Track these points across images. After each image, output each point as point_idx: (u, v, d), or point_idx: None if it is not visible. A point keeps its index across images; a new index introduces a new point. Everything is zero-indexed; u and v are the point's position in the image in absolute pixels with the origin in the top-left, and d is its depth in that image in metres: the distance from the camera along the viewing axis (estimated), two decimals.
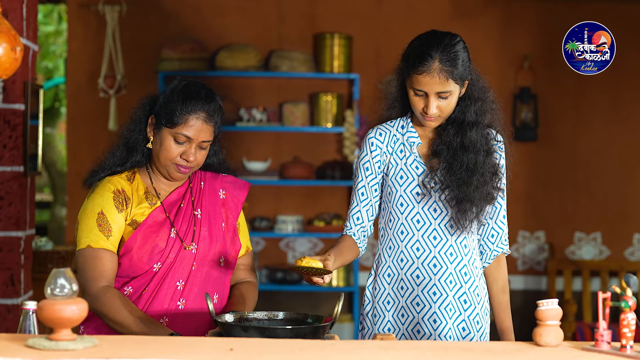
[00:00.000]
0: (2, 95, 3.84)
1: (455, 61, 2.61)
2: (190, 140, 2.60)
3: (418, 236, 2.74)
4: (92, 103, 6.18)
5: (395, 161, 2.76)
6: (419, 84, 2.62)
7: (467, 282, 2.74)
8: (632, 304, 2.02)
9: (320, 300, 6.23)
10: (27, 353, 1.90)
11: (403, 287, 2.76)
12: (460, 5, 6.27)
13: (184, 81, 2.67)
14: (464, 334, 2.73)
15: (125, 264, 2.62)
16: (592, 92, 6.28)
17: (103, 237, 2.58)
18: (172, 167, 2.64)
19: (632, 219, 6.32)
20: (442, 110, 2.65)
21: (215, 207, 2.73)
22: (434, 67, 2.60)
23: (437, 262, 2.72)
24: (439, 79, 2.61)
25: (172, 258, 2.63)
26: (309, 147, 6.29)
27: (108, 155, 2.72)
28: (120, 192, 2.65)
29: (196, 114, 2.59)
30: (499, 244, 2.79)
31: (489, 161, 2.70)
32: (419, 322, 2.72)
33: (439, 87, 2.61)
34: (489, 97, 2.76)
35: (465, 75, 2.66)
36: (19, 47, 2.37)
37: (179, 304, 2.62)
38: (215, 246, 2.68)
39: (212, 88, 2.71)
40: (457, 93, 2.66)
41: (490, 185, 2.70)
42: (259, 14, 6.27)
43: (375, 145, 2.78)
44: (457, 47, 2.63)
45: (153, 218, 2.64)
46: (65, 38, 7.66)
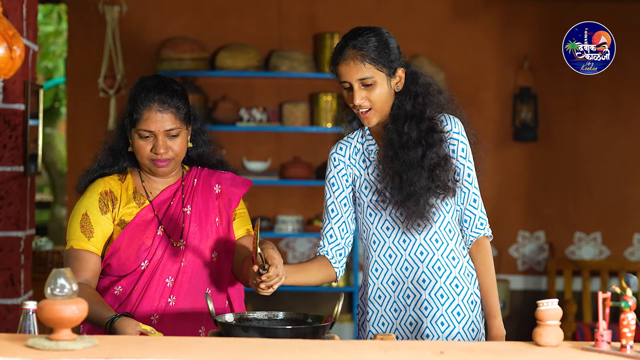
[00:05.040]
0: (2, 95, 3.84)
1: (367, 44, 2.64)
2: (154, 133, 2.61)
3: (389, 243, 2.74)
4: (92, 103, 6.18)
5: (359, 172, 2.78)
6: (341, 76, 2.67)
7: (442, 276, 2.71)
8: (632, 304, 2.02)
9: (320, 300, 6.23)
10: (27, 353, 1.90)
11: (381, 296, 2.76)
12: (460, 5, 6.27)
13: (139, 79, 2.69)
14: (459, 319, 2.71)
15: (114, 263, 2.64)
16: (592, 92, 6.28)
17: (84, 239, 2.63)
18: (151, 164, 2.66)
19: (632, 219, 6.32)
20: (372, 100, 2.65)
21: (209, 202, 2.73)
22: (348, 54, 2.64)
23: (408, 265, 2.72)
24: (354, 63, 2.63)
25: (159, 255, 2.64)
26: (309, 147, 6.29)
27: (94, 161, 2.76)
28: (108, 193, 2.68)
29: (148, 106, 2.61)
30: (473, 229, 2.75)
31: (433, 153, 2.67)
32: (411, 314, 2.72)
33: (357, 73, 2.63)
34: (432, 91, 2.74)
35: (386, 62, 2.66)
36: (17, 47, 2.36)
37: (170, 301, 2.63)
38: (206, 242, 2.68)
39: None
40: (384, 82, 2.66)
41: (439, 178, 2.67)
42: (259, 14, 6.27)
43: (337, 160, 2.80)
44: (371, 34, 2.67)
45: (141, 217, 2.67)
46: (65, 38, 7.66)
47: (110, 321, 2.43)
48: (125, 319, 2.42)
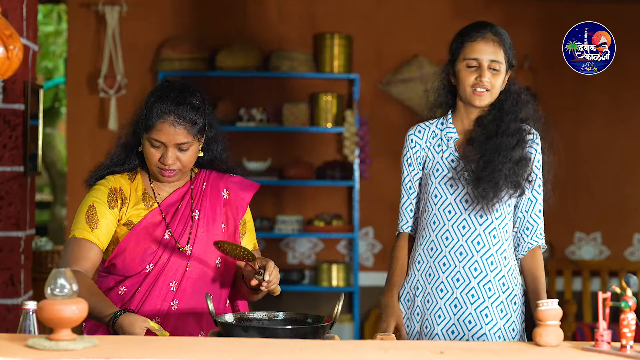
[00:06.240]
0: (2, 95, 3.84)
1: (505, 36, 2.86)
2: (164, 145, 2.59)
3: (448, 226, 2.86)
4: (92, 103, 6.17)
5: (433, 155, 2.93)
6: (472, 52, 2.83)
7: (493, 272, 2.85)
8: (632, 304, 2.02)
9: (320, 300, 6.23)
10: (27, 353, 1.90)
11: (431, 274, 2.89)
12: (460, 5, 6.27)
13: (162, 84, 2.66)
14: (501, 315, 2.85)
15: (119, 264, 2.63)
16: (592, 92, 6.27)
17: (88, 229, 2.59)
18: (157, 171, 2.64)
19: (632, 219, 6.32)
20: (492, 84, 2.83)
21: (216, 207, 2.72)
22: (488, 36, 2.84)
23: (463, 250, 2.85)
24: (494, 45, 2.83)
25: (165, 259, 2.63)
26: (309, 147, 6.29)
27: (107, 157, 2.74)
28: (118, 190, 2.66)
29: (163, 118, 2.57)
30: (534, 237, 2.91)
31: (519, 150, 2.84)
32: (457, 297, 2.86)
33: (493, 54, 2.82)
34: (525, 96, 2.96)
35: (510, 58, 2.87)
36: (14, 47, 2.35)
37: (172, 305, 2.62)
38: (212, 248, 2.66)
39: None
40: (504, 73, 2.86)
41: (517, 174, 2.83)
42: (259, 14, 6.27)
43: (414, 142, 2.96)
44: (504, 31, 2.90)
45: (148, 220, 2.65)
46: (65, 38, 7.66)
47: (113, 317, 2.41)
48: (131, 314, 2.41)
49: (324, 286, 6.08)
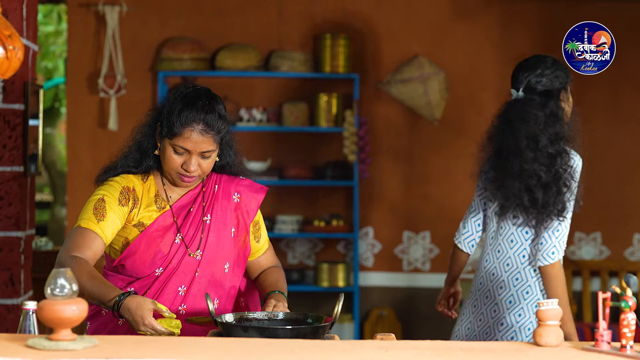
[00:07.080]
0: (2, 95, 3.84)
1: None
2: (189, 152, 2.57)
3: None
4: (92, 103, 6.18)
5: None
6: None
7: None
8: (632, 304, 2.02)
9: (320, 300, 6.23)
10: (27, 353, 1.90)
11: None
12: (460, 5, 6.27)
13: (186, 89, 2.61)
14: None
15: (128, 265, 2.61)
16: (592, 92, 6.27)
17: (94, 220, 2.56)
18: (176, 176, 2.61)
19: (632, 219, 6.31)
20: None
21: (227, 211, 2.70)
22: None
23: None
24: None
25: (175, 264, 2.62)
26: (309, 147, 6.29)
27: (121, 156, 2.69)
28: (131, 190, 2.63)
29: (192, 126, 2.54)
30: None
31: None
32: None
33: None
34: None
35: None
36: (13, 47, 2.35)
37: (180, 309, 2.62)
38: (222, 253, 2.66)
39: (212, 89, 2.67)
40: None
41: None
42: (259, 14, 6.27)
43: None
44: None
45: (160, 222, 2.63)
46: (65, 38, 7.66)
47: (118, 300, 2.39)
48: (137, 296, 2.39)
49: (324, 286, 6.08)
